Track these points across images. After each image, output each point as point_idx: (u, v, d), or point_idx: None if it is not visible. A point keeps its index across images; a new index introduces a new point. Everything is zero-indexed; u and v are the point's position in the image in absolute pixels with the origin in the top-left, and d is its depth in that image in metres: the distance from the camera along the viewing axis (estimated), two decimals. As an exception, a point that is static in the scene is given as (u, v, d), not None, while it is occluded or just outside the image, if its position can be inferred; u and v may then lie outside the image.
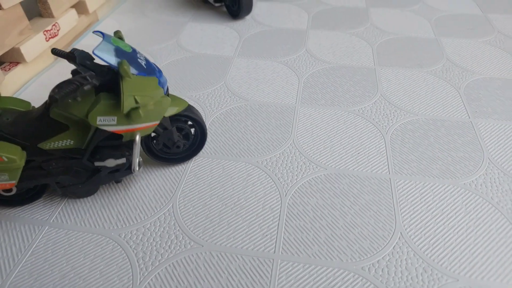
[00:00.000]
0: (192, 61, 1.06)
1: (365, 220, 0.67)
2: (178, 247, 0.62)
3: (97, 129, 0.59)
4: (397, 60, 1.08)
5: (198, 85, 0.97)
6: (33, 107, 0.63)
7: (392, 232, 0.65)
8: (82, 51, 0.57)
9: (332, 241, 0.64)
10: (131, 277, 0.59)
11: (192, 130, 0.77)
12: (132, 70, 0.56)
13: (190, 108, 0.69)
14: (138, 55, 0.59)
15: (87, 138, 0.60)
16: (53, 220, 0.66)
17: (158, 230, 0.64)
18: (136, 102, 0.56)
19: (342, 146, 0.80)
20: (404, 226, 0.66)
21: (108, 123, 0.57)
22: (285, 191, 0.71)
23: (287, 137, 0.82)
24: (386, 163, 0.77)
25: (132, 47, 0.60)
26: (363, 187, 0.72)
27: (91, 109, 0.56)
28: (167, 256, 0.61)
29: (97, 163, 0.62)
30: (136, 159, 0.62)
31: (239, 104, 0.91)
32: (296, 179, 0.73)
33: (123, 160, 0.63)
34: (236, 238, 0.63)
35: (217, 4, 1.29)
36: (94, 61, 0.58)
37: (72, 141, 0.59)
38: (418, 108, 0.91)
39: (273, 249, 0.62)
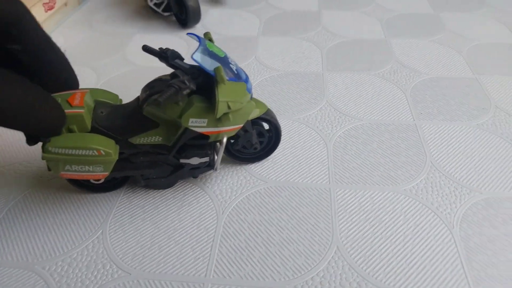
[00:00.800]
0: (137, 74, 1.03)
1: (301, 234, 0.65)
2: (105, 277, 0.59)
3: (186, 129, 0.62)
4: (346, 63, 1.07)
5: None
6: (120, 100, 0.67)
7: (328, 246, 0.64)
8: (173, 51, 0.60)
9: (266, 259, 0.62)
10: (53, 313, 0.56)
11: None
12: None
13: (268, 111, 0.72)
14: (229, 60, 0.63)
15: (174, 136, 0.63)
16: (-26, 256, 0.62)
17: (85, 259, 0.62)
18: (229, 107, 0.58)
19: (284, 157, 0.79)
20: (341, 239, 0.65)
21: (198, 124, 0.61)
22: (222, 209, 0.69)
23: (228, 151, 0.80)
24: (327, 172, 0.76)
25: (224, 52, 0.63)
26: (302, 199, 0.71)
27: (184, 111, 0.59)
28: (93, 288, 0.58)
29: (182, 160, 0.66)
30: (220, 159, 0.67)
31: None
32: (235, 195, 0.71)
33: (206, 159, 0.67)
34: (167, 263, 0.61)
35: (166, 14, 1.26)
36: (184, 61, 0.61)
37: (161, 138, 0.63)
38: (363, 113, 0.90)
39: (205, 273, 0.60)
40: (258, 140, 0.73)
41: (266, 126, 0.75)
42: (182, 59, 0.60)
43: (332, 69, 1.05)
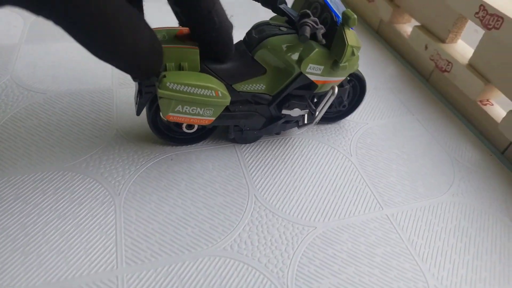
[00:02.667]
0: None
1: (215, 196, 0.60)
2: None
3: (297, 77, 0.59)
4: None
5: (-28, 90, 0.73)
6: None
7: (247, 200, 0.60)
8: None
9: (184, 231, 0.55)
10: None
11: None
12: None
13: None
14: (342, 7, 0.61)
15: (278, 85, 0.60)
16: None
17: None
18: (353, 53, 0.56)
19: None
20: (256, 187, 0.62)
21: (314, 71, 0.58)
22: (117, 192, 0.58)
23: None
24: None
25: None
26: (209, 162, 0.65)
27: (304, 55, 0.57)
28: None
29: (284, 111, 0.62)
30: (324, 111, 0.63)
31: None
32: (128, 174, 0.61)
33: (305, 112, 0.64)
34: (72, 268, 0.48)
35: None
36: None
37: (264, 86, 0.60)
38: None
39: (115, 265, 0.50)
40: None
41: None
42: (285, 3, 0.59)
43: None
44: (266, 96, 0.61)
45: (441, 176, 0.70)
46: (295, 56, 0.58)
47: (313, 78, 0.60)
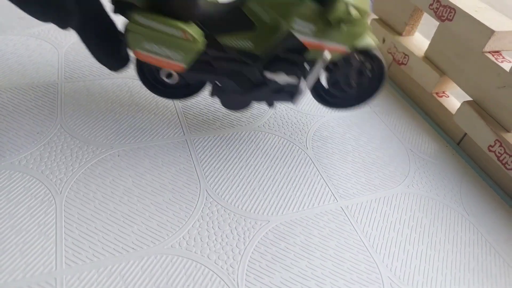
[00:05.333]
0: None
1: (163, 192, 0.57)
2: None
3: (287, 35, 0.54)
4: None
5: None
6: None
7: (198, 195, 0.58)
8: None
9: (129, 230, 0.52)
10: None
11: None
12: None
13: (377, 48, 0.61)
14: None
15: (266, 44, 0.56)
16: None
17: None
18: (348, 13, 0.51)
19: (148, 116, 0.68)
20: (208, 183, 0.60)
21: (304, 29, 0.53)
22: (58, 190, 0.55)
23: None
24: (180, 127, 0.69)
25: None
26: (159, 158, 0.62)
27: (291, 9, 0.52)
28: None
29: (268, 74, 0.58)
30: (312, 81, 0.59)
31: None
32: (72, 170, 0.58)
33: (294, 80, 0.59)
34: (8, 272, 0.45)
35: None
36: None
37: (252, 44, 0.56)
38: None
39: (54, 266, 0.46)
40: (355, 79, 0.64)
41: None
42: None
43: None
44: (253, 56, 0.57)
45: (397, 167, 0.70)
46: (285, 11, 0.53)
47: (302, 38, 0.54)
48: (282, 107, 0.77)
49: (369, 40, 0.58)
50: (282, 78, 0.59)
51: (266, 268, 0.51)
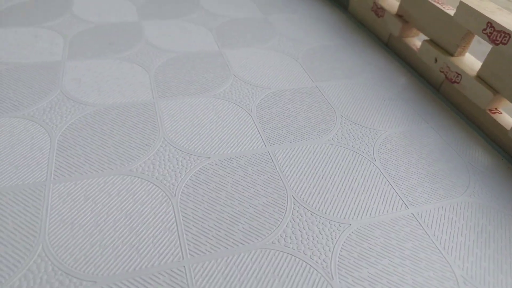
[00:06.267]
0: (9, 74, 0.86)
1: (262, 199, 0.66)
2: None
3: None
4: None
5: (26, 101, 0.79)
6: None
7: (286, 200, 0.66)
8: None
9: (234, 229, 0.61)
10: None
11: None
12: None
13: None
14: None
15: None
16: None
17: (34, 283, 0.50)
18: None
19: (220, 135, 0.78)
20: (293, 189, 0.68)
21: None
22: (173, 193, 0.65)
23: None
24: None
25: None
26: (248, 173, 0.71)
27: None
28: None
29: None
30: None
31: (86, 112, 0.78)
32: (181, 177, 0.67)
33: None
34: (137, 260, 0.55)
35: None
36: None
37: None
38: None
39: (181, 256, 0.56)
40: None
41: None
42: None
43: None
44: None
45: (457, 179, 0.77)
46: None
47: None
48: (347, 123, 0.85)
49: None
50: None
51: (354, 264, 0.59)
